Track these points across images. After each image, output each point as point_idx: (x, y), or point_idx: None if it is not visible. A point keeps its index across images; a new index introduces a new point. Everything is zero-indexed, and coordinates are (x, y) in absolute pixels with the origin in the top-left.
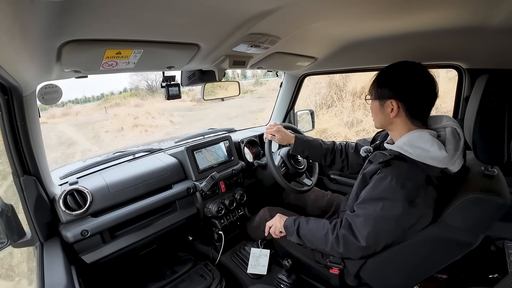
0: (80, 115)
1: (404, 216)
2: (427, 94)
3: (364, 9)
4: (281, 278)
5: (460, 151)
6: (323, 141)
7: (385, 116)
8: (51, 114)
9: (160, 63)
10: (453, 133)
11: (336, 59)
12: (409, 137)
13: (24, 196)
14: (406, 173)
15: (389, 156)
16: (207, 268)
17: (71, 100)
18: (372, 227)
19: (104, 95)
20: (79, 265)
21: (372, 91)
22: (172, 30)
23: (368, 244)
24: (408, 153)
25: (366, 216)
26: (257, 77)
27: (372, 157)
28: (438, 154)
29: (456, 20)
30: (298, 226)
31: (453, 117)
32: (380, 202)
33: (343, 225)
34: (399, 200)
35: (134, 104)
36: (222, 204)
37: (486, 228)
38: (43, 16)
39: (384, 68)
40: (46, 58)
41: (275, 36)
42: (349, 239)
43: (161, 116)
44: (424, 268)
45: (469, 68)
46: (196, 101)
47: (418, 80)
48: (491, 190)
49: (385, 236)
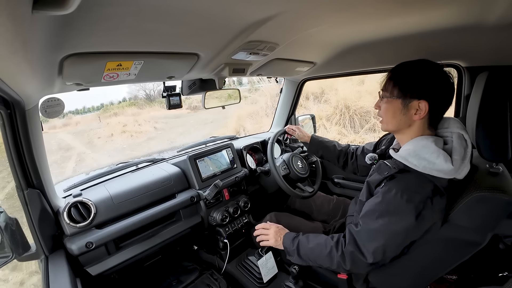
0: (79, 125)
1: (412, 230)
2: (450, 97)
3: (360, 12)
4: (288, 285)
5: (467, 159)
6: (338, 143)
7: (406, 118)
8: (52, 125)
9: (161, 74)
10: (460, 141)
11: (335, 63)
12: (414, 146)
13: (28, 209)
14: (411, 185)
15: (394, 170)
16: (213, 277)
17: (71, 111)
18: (379, 242)
19: (103, 105)
20: (84, 278)
21: (392, 90)
22: (172, 41)
23: (376, 260)
24: (413, 165)
25: (371, 231)
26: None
27: (377, 168)
28: (444, 167)
29: (453, 18)
30: (298, 245)
31: (454, 116)
32: (385, 216)
33: (348, 241)
34: (405, 214)
35: (132, 113)
36: (227, 212)
37: (494, 226)
38: (44, 30)
39: (404, 64)
40: (48, 72)
41: (274, 43)
42: (356, 256)
43: (147, 123)
44: (433, 270)
45: (468, 66)
46: (191, 109)
47: (444, 82)
48: (497, 187)
49: (394, 249)
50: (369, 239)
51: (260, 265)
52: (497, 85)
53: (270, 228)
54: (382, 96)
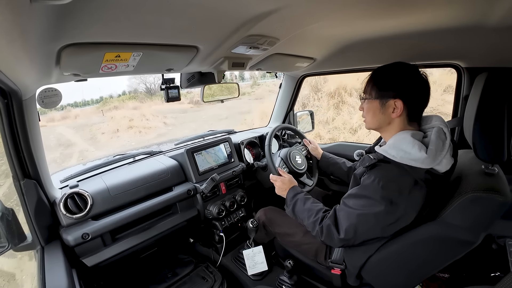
0: (79, 118)
1: (383, 215)
2: (425, 95)
3: (362, 9)
4: (283, 279)
5: (445, 151)
6: (346, 161)
7: (385, 117)
8: (50, 118)
9: (159, 66)
10: (438, 133)
11: (335, 60)
12: (394, 140)
13: (25, 199)
14: (389, 174)
15: (374, 160)
16: (209, 270)
17: (70, 103)
18: (352, 221)
19: (103, 98)
20: (80, 269)
21: (371, 91)
22: (171, 33)
23: (347, 237)
24: (391, 156)
25: (348, 210)
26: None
27: (361, 161)
28: (417, 156)
29: (454, 19)
30: (295, 202)
31: (452, 116)
32: (362, 199)
33: (330, 215)
34: (378, 199)
35: (133, 107)
36: (223, 206)
37: (487, 226)
38: (42, 19)
39: (381, 68)
40: (45, 62)
41: (274, 38)
42: (331, 230)
43: (155, 118)
44: (425, 267)
45: (467, 66)
46: (194, 103)
47: (418, 81)
48: (492, 188)
49: (364, 231)
50: (345, 217)
51: (246, 256)
52: (495, 86)
53: (277, 179)
54: (364, 98)
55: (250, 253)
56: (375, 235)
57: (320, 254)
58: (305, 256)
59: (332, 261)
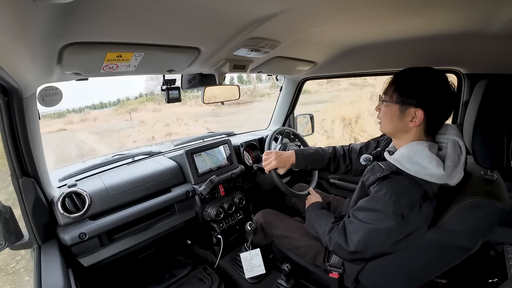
0: (98, 121)
1: (395, 230)
2: (449, 109)
3: (363, 14)
4: (280, 283)
5: (460, 166)
6: (323, 150)
7: (402, 124)
8: (69, 120)
9: (161, 67)
10: (454, 147)
11: (336, 64)
12: (408, 151)
13: (23, 198)
14: (401, 188)
15: (387, 172)
16: (206, 272)
17: (88, 106)
18: (362, 235)
19: (120, 101)
20: (76, 268)
21: (392, 94)
22: (173, 34)
23: (356, 250)
24: (406, 169)
25: (358, 224)
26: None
27: (371, 169)
28: (435, 172)
29: (455, 25)
30: (311, 216)
31: (452, 122)
32: (372, 212)
33: (339, 228)
34: (390, 214)
35: (152, 109)
36: (221, 208)
37: (486, 232)
38: (45, 18)
39: (407, 71)
40: (47, 60)
41: (276, 41)
42: (340, 242)
43: (195, 122)
44: (423, 273)
45: (468, 73)
46: (215, 106)
47: (445, 93)
48: (491, 194)
49: (374, 245)
50: (355, 231)
51: (243, 258)
52: (496, 93)
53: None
54: (383, 99)
55: (247, 256)
56: (384, 250)
57: (319, 257)
58: (303, 259)
59: (331, 264)
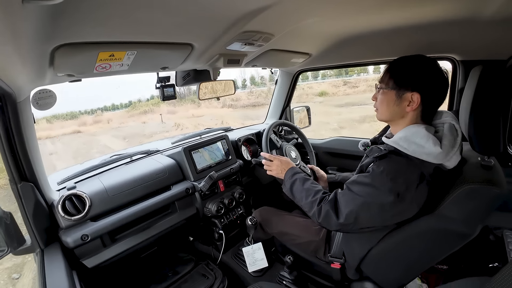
0: (112, 122)
1: (388, 206)
2: (443, 92)
3: (356, 4)
4: (283, 275)
5: (457, 147)
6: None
7: (399, 109)
8: (82, 122)
9: (154, 64)
10: (450, 129)
11: (331, 55)
12: (406, 133)
13: (22, 203)
14: (399, 167)
15: (384, 151)
16: (209, 267)
17: (100, 107)
18: (354, 208)
19: (132, 103)
20: (80, 270)
21: (388, 81)
22: (165, 30)
23: (346, 222)
24: (403, 149)
25: (352, 196)
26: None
27: (369, 151)
28: (432, 150)
29: (449, 12)
30: (294, 181)
31: (448, 109)
32: (368, 187)
33: (330, 199)
34: (386, 191)
35: (167, 111)
36: (222, 203)
37: (484, 218)
38: (34, 20)
39: (400, 59)
40: (38, 63)
41: (269, 34)
42: (330, 214)
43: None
44: (424, 259)
45: (462, 59)
46: (228, 107)
47: (438, 77)
48: (488, 180)
49: (365, 219)
50: (347, 202)
51: (245, 253)
52: (490, 79)
53: (274, 160)
54: (379, 87)
55: (249, 250)
56: (374, 224)
57: (320, 250)
58: (305, 252)
59: (332, 255)
